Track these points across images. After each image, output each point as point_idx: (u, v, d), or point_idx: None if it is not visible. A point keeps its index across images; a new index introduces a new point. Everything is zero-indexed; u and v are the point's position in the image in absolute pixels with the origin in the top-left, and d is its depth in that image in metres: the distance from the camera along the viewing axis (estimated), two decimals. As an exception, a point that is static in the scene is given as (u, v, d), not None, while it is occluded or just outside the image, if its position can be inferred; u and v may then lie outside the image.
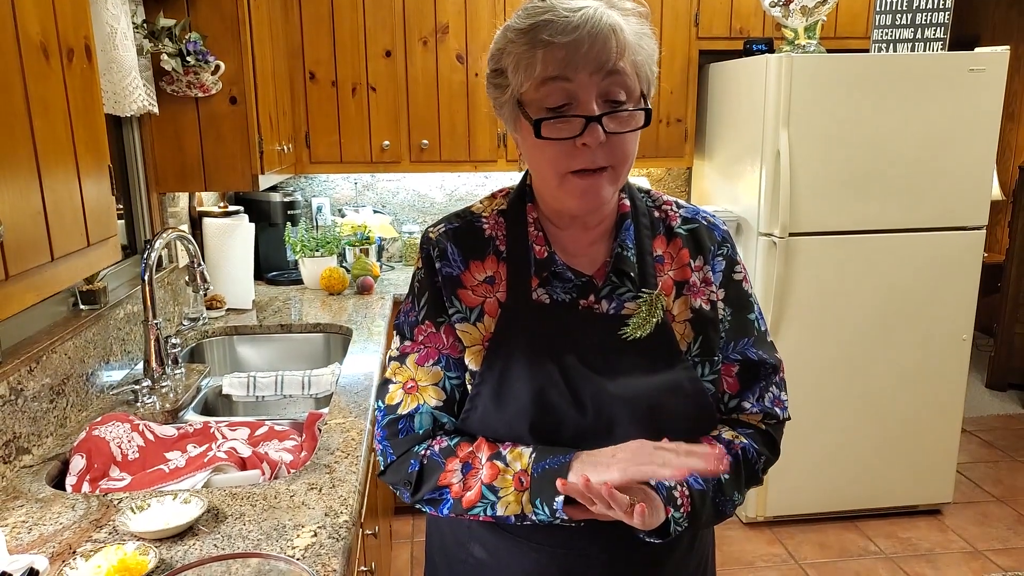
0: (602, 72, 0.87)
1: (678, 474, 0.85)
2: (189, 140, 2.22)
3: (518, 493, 0.91)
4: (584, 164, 0.89)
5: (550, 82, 0.88)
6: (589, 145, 0.88)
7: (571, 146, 0.89)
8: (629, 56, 0.89)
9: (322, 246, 2.94)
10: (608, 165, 0.90)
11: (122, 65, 1.75)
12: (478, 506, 0.94)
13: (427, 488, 0.97)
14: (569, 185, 0.91)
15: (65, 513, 1.25)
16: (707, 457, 0.85)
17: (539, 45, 0.87)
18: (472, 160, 3.11)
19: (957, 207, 2.80)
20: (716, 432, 1.02)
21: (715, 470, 0.85)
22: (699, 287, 1.02)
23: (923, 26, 2.80)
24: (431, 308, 1.01)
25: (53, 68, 1.03)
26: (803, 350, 2.83)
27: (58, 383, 1.58)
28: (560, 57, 0.86)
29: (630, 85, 0.90)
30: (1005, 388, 4.32)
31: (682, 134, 3.20)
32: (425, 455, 0.98)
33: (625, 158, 0.92)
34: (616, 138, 0.89)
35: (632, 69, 0.90)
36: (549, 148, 0.90)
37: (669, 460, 0.85)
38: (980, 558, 2.78)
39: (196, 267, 1.94)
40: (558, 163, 0.90)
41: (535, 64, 0.88)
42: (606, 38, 0.86)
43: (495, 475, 0.93)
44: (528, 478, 0.91)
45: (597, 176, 0.90)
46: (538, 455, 0.92)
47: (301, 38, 2.94)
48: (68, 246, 1.06)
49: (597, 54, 0.86)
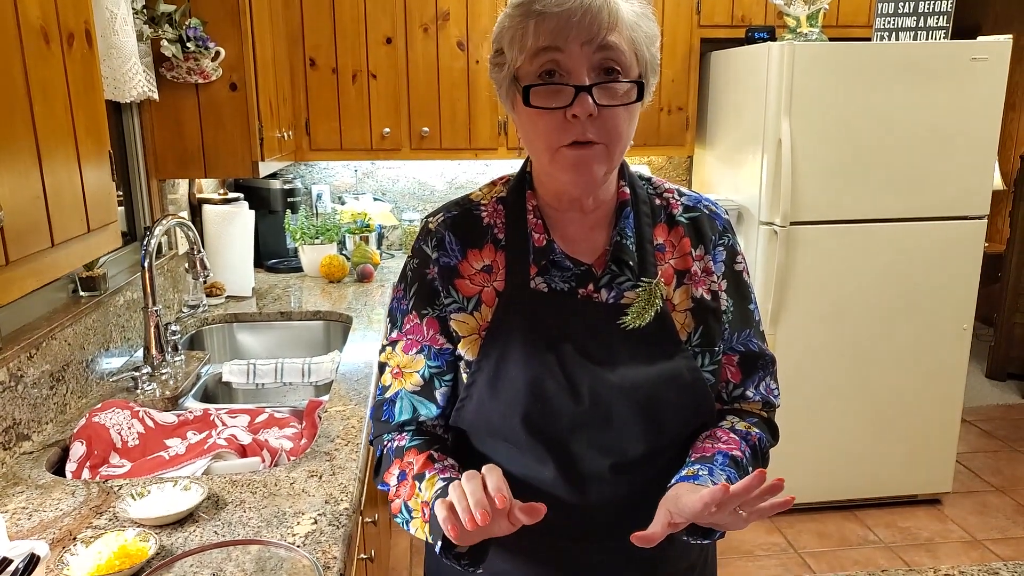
0: (593, 44, 0.86)
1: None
2: (189, 126, 2.21)
3: (423, 522, 0.92)
4: (574, 136, 0.88)
5: (542, 53, 0.88)
6: (579, 116, 0.87)
7: (561, 118, 0.88)
8: (625, 32, 0.88)
9: (322, 233, 2.93)
10: (600, 141, 0.89)
11: (122, 51, 1.74)
12: (399, 518, 0.97)
13: (379, 478, 1.02)
14: (561, 159, 0.91)
15: (65, 499, 1.25)
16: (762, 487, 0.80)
17: (532, 16, 0.87)
18: (473, 148, 3.10)
19: (958, 196, 2.79)
20: (729, 423, 1.02)
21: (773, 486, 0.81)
22: (700, 276, 1.01)
23: (925, 15, 2.78)
24: (417, 299, 1.02)
25: (53, 52, 1.02)
26: (804, 339, 2.83)
27: (58, 370, 1.58)
28: (552, 27, 0.86)
29: (625, 62, 0.89)
30: (1005, 378, 4.32)
31: (683, 122, 3.18)
32: (387, 446, 1.02)
33: (618, 135, 0.91)
34: (607, 113, 0.88)
35: (629, 47, 0.89)
36: (541, 121, 0.89)
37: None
38: (979, 547, 2.79)
39: (196, 254, 1.94)
40: (550, 137, 0.90)
41: (528, 35, 0.88)
42: (598, 9, 0.86)
43: (411, 496, 0.95)
44: (429, 511, 0.90)
45: (588, 149, 0.89)
46: (442, 490, 0.89)
47: (301, 24, 2.92)
48: (68, 231, 1.05)
49: (589, 24, 0.86)
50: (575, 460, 0.97)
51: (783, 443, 1.11)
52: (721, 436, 0.99)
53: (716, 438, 0.99)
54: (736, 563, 2.69)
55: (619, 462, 0.97)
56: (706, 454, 0.96)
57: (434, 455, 0.97)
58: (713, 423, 1.02)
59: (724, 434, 1.00)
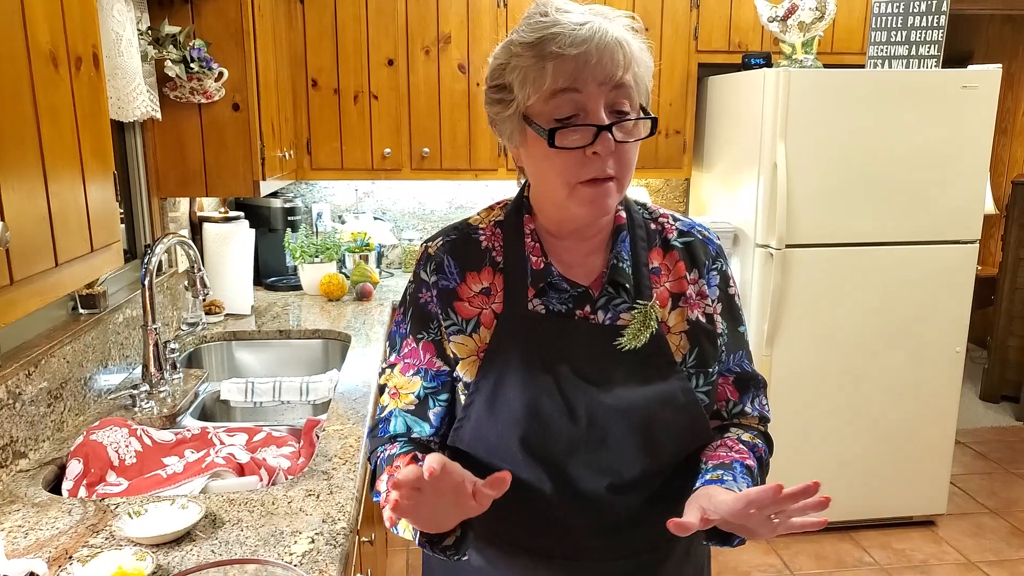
0: (610, 84, 0.89)
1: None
2: (191, 146, 2.24)
3: (407, 523, 0.93)
4: (595, 173, 0.91)
5: (560, 94, 0.89)
6: (600, 154, 0.90)
7: (581, 156, 0.90)
8: (633, 68, 0.91)
9: (322, 252, 2.95)
10: (615, 176, 0.92)
11: (126, 71, 1.76)
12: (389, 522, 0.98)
13: (375, 489, 1.03)
14: (579, 195, 0.93)
15: (62, 518, 1.26)
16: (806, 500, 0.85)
17: (549, 57, 0.89)
18: (473, 168, 3.12)
19: (951, 221, 2.82)
20: (736, 435, 1.04)
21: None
22: (695, 299, 1.03)
23: (917, 43, 2.83)
24: (414, 324, 1.04)
25: (62, 76, 1.04)
26: (799, 361, 2.84)
27: (56, 387, 1.59)
28: (570, 69, 0.88)
29: (633, 97, 0.92)
30: (998, 400, 4.33)
31: (681, 146, 3.22)
32: (380, 457, 1.03)
33: (629, 167, 0.94)
34: (623, 148, 0.92)
35: (634, 81, 0.92)
36: (559, 159, 0.92)
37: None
38: (974, 570, 2.78)
39: (196, 272, 1.95)
40: (568, 173, 0.92)
41: (545, 76, 0.89)
42: (614, 50, 0.88)
43: None
44: None
45: (604, 185, 0.92)
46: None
47: (304, 46, 2.95)
48: (72, 252, 1.07)
49: (606, 65, 0.88)
50: (572, 480, 0.98)
51: (778, 463, 1.13)
52: (732, 446, 1.01)
53: (728, 447, 1.01)
54: (732, 585, 2.68)
55: (615, 482, 0.98)
56: (724, 461, 0.98)
57: (418, 455, 0.99)
58: (709, 442, 1.04)
59: (735, 444, 1.02)
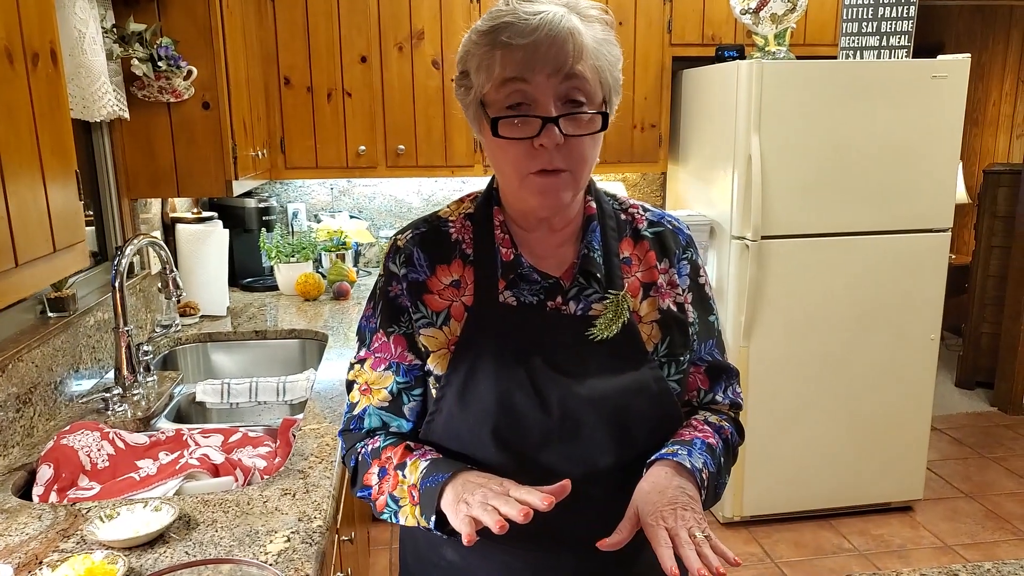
0: (560, 75, 0.89)
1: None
2: (161, 145, 2.21)
3: (412, 506, 0.94)
4: (542, 165, 0.91)
5: (509, 83, 0.89)
6: (546, 146, 0.89)
7: (529, 147, 0.90)
8: (589, 60, 0.90)
9: (298, 252, 2.93)
10: (566, 169, 0.91)
11: (90, 70, 1.73)
12: (386, 512, 0.98)
13: (358, 486, 1.02)
14: (529, 185, 0.93)
15: (31, 523, 1.24)
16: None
17: (498, 46, 0.89)
18: (449, 165, 3.11)
19: (923, 210, 2.86)
20: (703, 416, 1.05)
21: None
22: (666, 289, 1.03)
23: (888, 34, 2.86)
24: (384, 318, 1.03)
25: (18, 73, 1.02)
26: (776, 351, 2.86)
27: (25, 392, 1.56)
28: (518, 58, 0.88)
29: (589, 90, 0.91)
30: (973, 386, 4.40)
31: (656, 139, 3.23)
32: (360, 452, 1.03)
33: (583, 162, 0.93)
34: (574, 141, 0.91)
35: (593, 75, 0.91)
36: (511, 149, 0.91)
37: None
38: (950, 552, 2.82)
39: (168, 273, 1.92)
40: (519, 164, 0.92)
41: (495, 65, 0.89)
42: (564, 41, 0.88)
43: (395, 486, 0.96)
44: (417, 492, 0.92)
45: (555, 177, 0.92)
46: (427, 470, 0.93)
47: (276, 43, 2.93)
48: (33, 252, 1.05)
49: (555, 56, 0.88)
50: (546, 472, 0.97)
51: (757, 453, 1.14)
52: (697, 426, 1.03)
53: (692, 427, 1.02)
54: (714, 575, 2.69)
55: (589, 472, 0.98)
56: (684, 439, 0.99)
57: (411, 445, 1.00)
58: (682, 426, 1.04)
59: (699, 424, 1.03)
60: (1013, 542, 2.89)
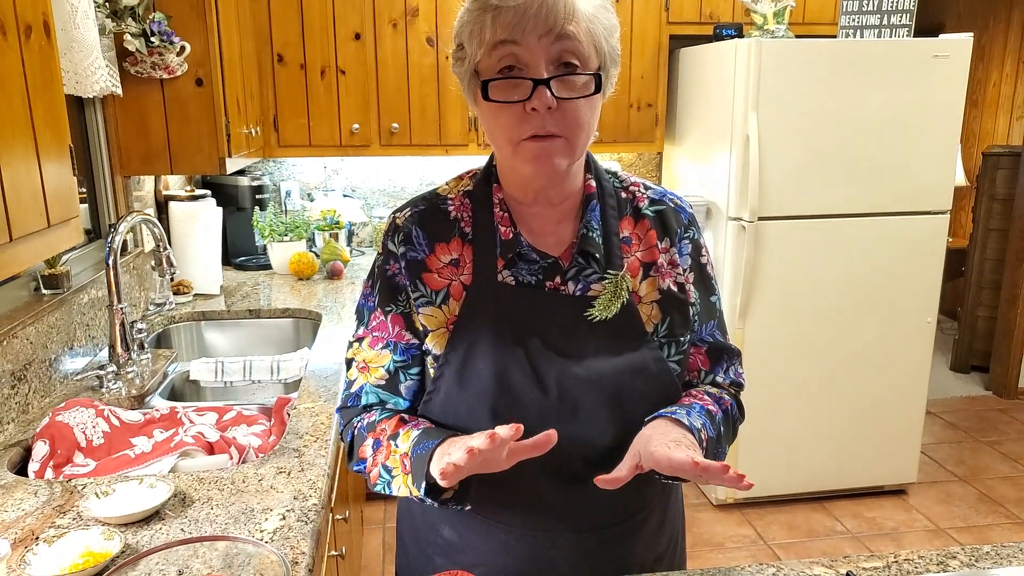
0: (551, 36, 0.87)
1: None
2: (154, 122, 2.18)
3: (404, 475, 0.93)
4: (535, 130, 0.89)
5: (500, 46, 0.88)
6: (538, 109, 0.87)
7: (521, 111, 0.89)
8: (583, 23, 0.88)
9: (291, 231, 2.91)
10: (560, 134, 0.90)
11: (83, 44, 1.70)
12: (379, 483, 0.97)
13: (354, 459, 1.02)
14: (523, 151, 0.91)
15: (27, 499, 1.23)
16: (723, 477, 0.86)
17: (488, 10, 0.88)
18: (443, 144, 3.09)
19: (921, 192, 2.85)
20: (702, 388, 1.05)
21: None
22: (666, 268, 1.02)
23: (889, 12, 2.83)
24: (382, 296, 1.02)
25: (10, 44, 1.00)
26: (771, 332, 2.87)
27: (19, 369, 1.55)
28: (508, 20, 0.87)
29: (584, 53, 0.89)
30: (968, 370, 4.42)
31: (653, 119, 3.21)
32: (356, 427, 1.03)
33: (578, 127, 0.91)
34: (567, 105, 0.89)
35: (587, 38, 0.89)
36: (503, 115, 0.90)
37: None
38: (943, 536, 2.85)
39: (162, 251, 1.91)
40: (510, 130, 0.90)
41: (485, 29, 0.88)
42: (554, 1, 0.86)
43: (388, 456, 0.96)
44: (409, 461, 0.92)
45: (549, 142, 0.90)
46: (419, 438, 0.93)
47: (269, 20, 2.89)
48: (27, 227, 1.03)
49: (545, 16, 0.86)
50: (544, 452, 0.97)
51: (752, 435, 1.14)
52: (696, 395, 1.03)
53: (692, 396, 1.03)
54: (707, 555, 2.72)
55: (588, 453, 0.98)
56: (684, 403, 1.00)
57: (405, 417, 1.00)
58: None
59: (699, 393, 1.03)
60: (1006, 526, 2.91)
